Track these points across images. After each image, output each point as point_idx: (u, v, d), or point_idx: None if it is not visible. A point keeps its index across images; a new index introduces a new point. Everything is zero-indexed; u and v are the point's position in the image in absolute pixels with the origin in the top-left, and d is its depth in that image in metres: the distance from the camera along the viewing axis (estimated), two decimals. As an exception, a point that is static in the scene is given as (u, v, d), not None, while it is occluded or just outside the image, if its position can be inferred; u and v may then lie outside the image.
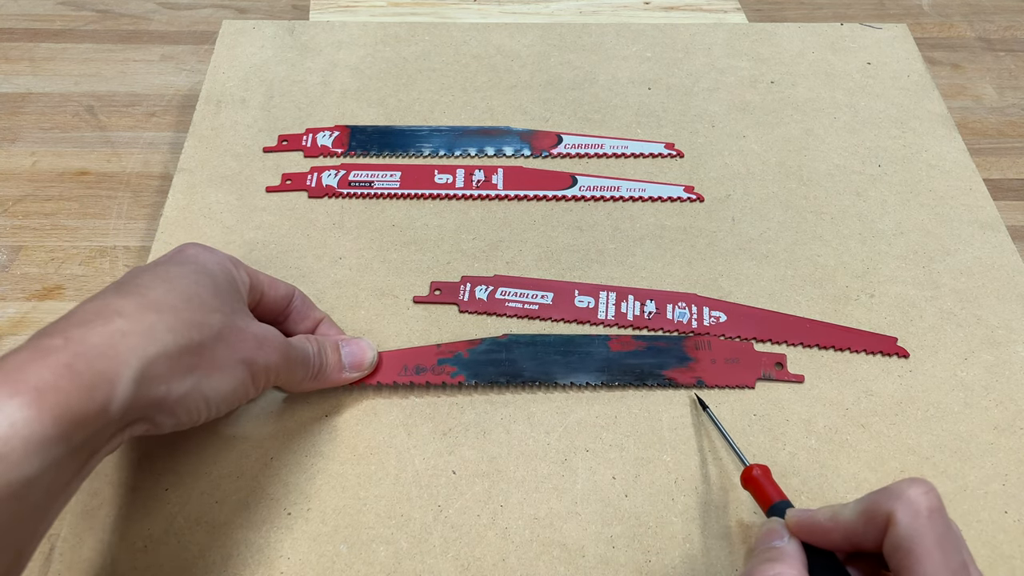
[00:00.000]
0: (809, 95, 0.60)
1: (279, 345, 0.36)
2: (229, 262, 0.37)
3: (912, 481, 0.29)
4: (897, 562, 0.28)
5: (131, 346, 0.29)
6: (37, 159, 0.56)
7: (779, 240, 0.51)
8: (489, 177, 0.53)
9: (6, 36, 0.65)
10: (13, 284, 0.49)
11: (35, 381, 0.27)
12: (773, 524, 0.33)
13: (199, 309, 0.33)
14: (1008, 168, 0.59)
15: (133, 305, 0.31)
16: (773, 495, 0.35)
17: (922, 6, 0.73)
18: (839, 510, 0.30)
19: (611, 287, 0.48)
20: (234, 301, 0.36)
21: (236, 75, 0.59)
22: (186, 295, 0.33)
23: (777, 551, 0.31)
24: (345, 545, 0.38)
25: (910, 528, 0.27)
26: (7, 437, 0.25)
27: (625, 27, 0.65)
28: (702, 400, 0.43)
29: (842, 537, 0.30)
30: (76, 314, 0.30)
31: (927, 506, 0.28)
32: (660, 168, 0.55)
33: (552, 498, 0.40)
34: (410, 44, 0.62)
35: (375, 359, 0.43)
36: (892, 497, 0.28)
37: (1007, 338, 0.46)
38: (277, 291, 0.40)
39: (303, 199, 0.52)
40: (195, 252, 0.37)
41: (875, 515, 0.29)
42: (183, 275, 0.34)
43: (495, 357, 0.44)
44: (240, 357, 0.34)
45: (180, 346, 0.31)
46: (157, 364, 0.30)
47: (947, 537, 0.27)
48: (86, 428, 0.27)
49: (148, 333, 0.30)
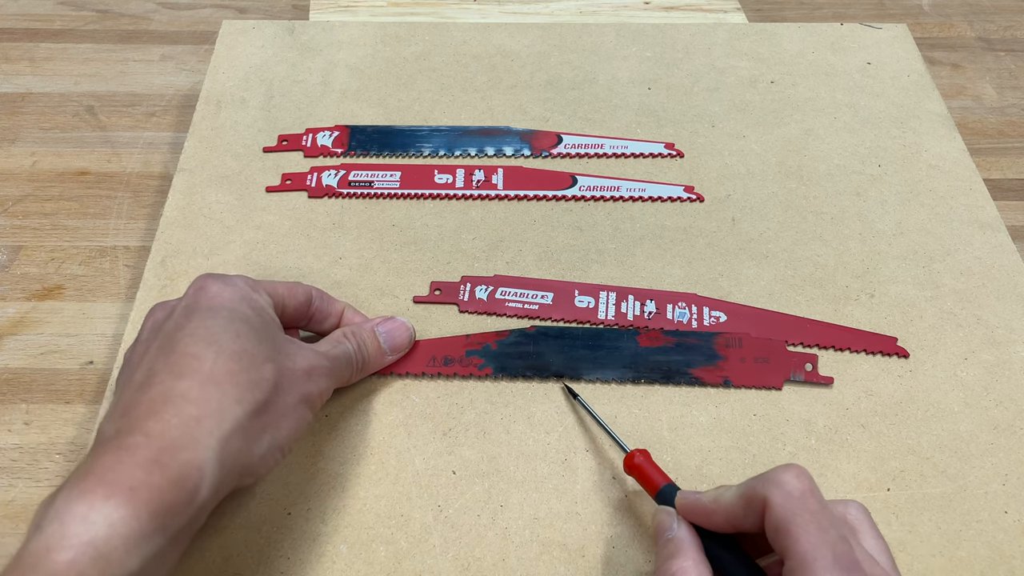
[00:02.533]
0: (809, 95, 0.60)
1: (325, 367, 0.37)
2: (251, 290, 0.37)
3: (785, 467, 0.30)
4: (778, 543, 0.29)
5: (207, 430, 0.30)
6: (37, 159, 0.56)
7: (779, 240, 0.51)
8: (489, 177, 0.53)
9: (6, 36, 0.65)
10: (13, 284, 0.49)
11: (127, 481, 0.28)
12: (662, 516, 0.34)
13: (251, 366, 0.33)
14: (1008, 168, 0.59)
15: (195, 386, 0.31)
16: (658, 480, 0.35)
17: (922, 6, 0.73)
18: (722, 493, 0.32)
19: (611, 287, 0.48)
20: (273, 338, 0.35)
21: (236, 75, 0.59)
22: (236, 354, 0.33)
23: (672, 543, 0.32)
24: (345, 545, 0.38)
25: (784, 509, 0.29)
26: (107, 537, 0.27)
27: (625, 27, 0.65)
28: (571, 389, 0.42)
29: (724, 520, 0.31)
30: (142, 404, 0.31)
31: (799, 487, 0.29)
32: (660, 168, 0.55)
33: (552, 498, 0.40)
34: (410, 44, 0.62)
35: (413, 336, 0.43)
36: (766, 482, 0.30)
37: (1007, 338, 0.46)
38: (297, 298, 0.40)
39: (303, 199, 0.52)
40: (217, 291, 0.35)
41: (752, 500, 0.30)
42: (223, 330, 0.33)
43: (523, 350, 0.44)
44: (298, 398, 0.35)
45: (249, 413, 0.32)
46: (234, 439, 0.31)
47: (822, 514, 0.29)
48: (180, 517, 0.29)
49: (218, 413, 0.31)
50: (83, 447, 0.42)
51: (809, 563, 0.27)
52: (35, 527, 0.27)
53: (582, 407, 0.42)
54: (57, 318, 0.48)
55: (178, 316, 0.34)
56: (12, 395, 0.44)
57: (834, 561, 0.27)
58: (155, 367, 0.32)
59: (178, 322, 0.34)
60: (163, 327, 0.34)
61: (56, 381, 0.45)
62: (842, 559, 0.27)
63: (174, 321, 0.34)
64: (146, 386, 0.31)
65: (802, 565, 0.27)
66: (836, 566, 0.27)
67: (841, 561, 0.27)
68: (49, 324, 0.47)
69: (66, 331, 0.47)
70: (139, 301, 0.46)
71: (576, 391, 0.42)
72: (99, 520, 0.27)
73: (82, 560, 0.26)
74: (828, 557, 0.27)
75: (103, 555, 0.26)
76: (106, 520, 0.27)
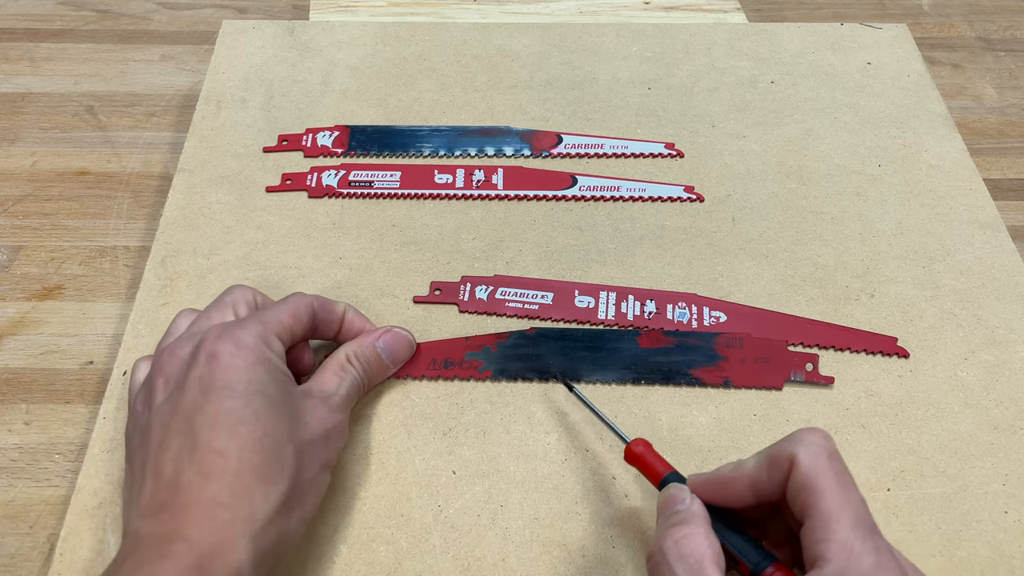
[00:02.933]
0: (809, 95, 0.60)
1: (338, 422, 0.37)
2: (263, 345, 0.35)
3: (812, 429, 0.30)
4: (802, 501, 0.29)
5: (241, 531, 0.31)
6: (37, 159, 0.56)
7: (779, 240, 0.51)
8: (489, 177, 0.53)
9: (6, 36, 0.65)
10: (13, 284, 0.49)
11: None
12: (672, 490, 0.33)
13: (273, 453, 0.33)
14: (1008, 168, 0.59)
15: (225, 489, 0.31)
16: (661, 468, 0.35)
17: (922, 6, 0.73)
18: (742, 461, 0.32)
19: (611, 287, 0.48)
20: (290, 407, 0.35)
21: (236, 75, 0.59)
22: (258, 443, 0.33)
23: (682, 514, 0.32)
24: (345, 545, 0.38)
25: (812, 467, 0.29)
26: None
27: (625, 27, 0.65)
28: (568, 382, 0.42)
29: (746, 486, 0.31)
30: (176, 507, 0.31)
31: (826, 448, 0.30)
32: (660, 168, 0.55)
33: (552, 498, 0.40)
34: (410, 44, 0.62)
35: (414, 345, 0.43)
36: (794, 442, 0.30)
37: (1007, 338, 0.46)
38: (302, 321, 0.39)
39: (303, 199, 0.52)
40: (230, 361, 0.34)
41: (778, 459, 0.30)
42: (243, 418, 0.33)
43: (523, 352, 0.44)
44: (318, 468, 0.35)
45: (277, 506, 0.32)
46: (267, 533, 0.32)
47: (845, 476, 0.29)
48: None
49: (250, 513, 0.31)
50: (83, 447, 0.42)
51: (833, 521, 0.28)
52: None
53: (581, 401, 0.42)
54: (57, 318, 0.48)
55: (195, 394, 0.33)
56: (12, 395, 0.44)
57: (856, 521, 0.28)
58: (180, 464, 0.32)
59: (196, 402, 0.33)
60: (180, 404, 0.33)
61: (56, 381, 0.45)
62: (863, 520, 0.28)
63: (191, 399, 0.33)
64: (175, 486, 0.32)
65: (825, 523, 0.28)
66: (858, 526, 0.27)
67: (863, 522, 0.28)
68: (49, 324, 0.47)
69: (66, 331, 0.47)
70: (139, 301, 0.46)
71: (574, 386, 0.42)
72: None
73: None
74: (851, 516, 0.28)
75: None
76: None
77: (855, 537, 0.27)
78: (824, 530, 0.28)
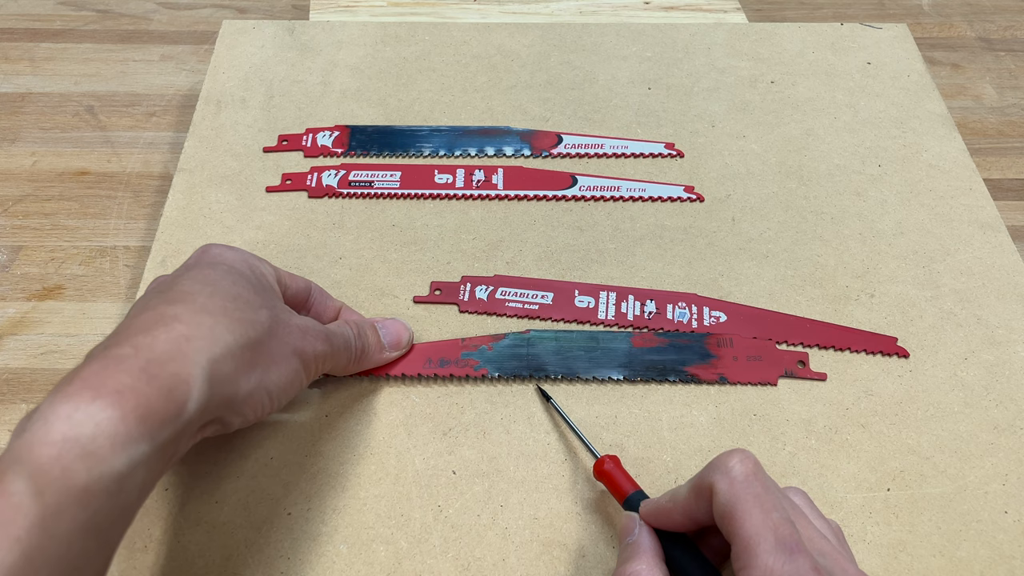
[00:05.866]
0: (809, 95, 0.60)
1: (321, 333, 0.37)
2: (254, 258, 0.38)
3: (730, 452, 0.30)
4: (725, 528, 0.29)
5: (197, 348, 0.30)
6: (37, 159, 0.56)
7: (779, 240, 0.51)
8: (489, 177, 0.53)
9: (6, 36, 0.65)
10: (13, 284, 0.49)
11: (114, 385, 0.28)
12: (625, 520, 0.34)
13: (247, 307, 0.33)
14: (1008, 168, 0.59)
15: (187, 311, 0.31)
16: (626, 487, 0.36)
17: (922, 6, 0.73)
18: (677, 491, 0.32)
19: (611, 287, 0.48)
20: (271, 296, 0.36)
21: (236, 75, 0.59)
22: (231, 295, 0.33)
23: (631, 547, 0.32)
24: (345, 545, 0.38)
25: (728, 494, 0.29)
26: (93, 436, 0.26)
27: (625, 27, 0.65)
28: (544, 391, 0.43)
29: (682, 515, 0.32)
30: (134, 324, 0.31)
31: (742, 472, 0.30)
32: (660, 168, 0.55)
33: (552, 498, 0.40)
34: (410, 44, 0.62)
35: (412, 336, 0.44)
36: (712, 470, 0.30)
37: (1007, 338, 0.46)
38: (297, 284, 0.41)
39: (303, 199, 0.52)
40: (220, 252, 0.37)
41: (701, 489, 0.30)
42: (220, 276, 0.34)
43: (518, 352, 0.44)
44: (291, 349, 0.35)
45: (240, 344, 0.32)
46: (224, 363, 0.31)
47: (765, 497, 0.29)
48: (167, 428, 0.29)
49: (210, 335, 0.31)
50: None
51: (752, 546, 0.27)
52: (17, 431, 0.27)
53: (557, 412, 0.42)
54: (57, 318, 0.48)
55: (179, 269, 0.36)
56: (12, 395, 0.44)
57: (776, 543, 0.27)
58: (150, 302, 0.32)
59: (177, 272, 0.35)
60: (166, 279, 0.35)
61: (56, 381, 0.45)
62: (785, 541, 0.27)
63: (174, 273, 0.35)
64: (138, 314, 0.32)
65: (746, 549, 0.28)
66: (779, 548, 0.27)
67: (784, 543, 0.27)
68: (49, 324, 0.47)
69: (66, 331, 0.47)
70: (139, 301, 0.46)
71: (550, 394, 0.42)
72: (84, 419, 0.27)
73: (67, 456, 0.26)
74: (770, 540, 0.27)
75: (89, 452, 0.26)
76: (91, 419, 0.27)
77: (775, 561, 0.27)
78: (746, 556, 0.27)
